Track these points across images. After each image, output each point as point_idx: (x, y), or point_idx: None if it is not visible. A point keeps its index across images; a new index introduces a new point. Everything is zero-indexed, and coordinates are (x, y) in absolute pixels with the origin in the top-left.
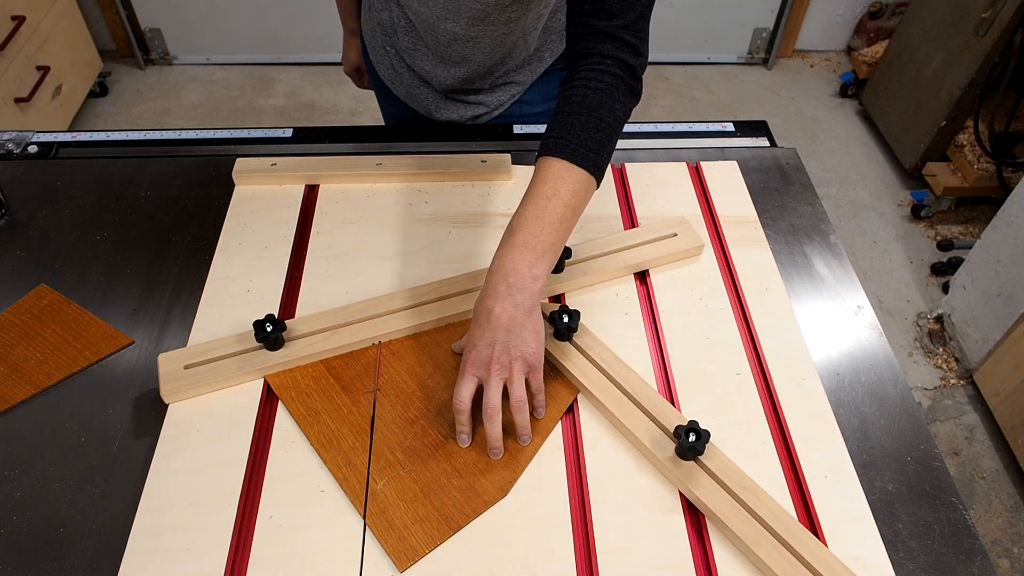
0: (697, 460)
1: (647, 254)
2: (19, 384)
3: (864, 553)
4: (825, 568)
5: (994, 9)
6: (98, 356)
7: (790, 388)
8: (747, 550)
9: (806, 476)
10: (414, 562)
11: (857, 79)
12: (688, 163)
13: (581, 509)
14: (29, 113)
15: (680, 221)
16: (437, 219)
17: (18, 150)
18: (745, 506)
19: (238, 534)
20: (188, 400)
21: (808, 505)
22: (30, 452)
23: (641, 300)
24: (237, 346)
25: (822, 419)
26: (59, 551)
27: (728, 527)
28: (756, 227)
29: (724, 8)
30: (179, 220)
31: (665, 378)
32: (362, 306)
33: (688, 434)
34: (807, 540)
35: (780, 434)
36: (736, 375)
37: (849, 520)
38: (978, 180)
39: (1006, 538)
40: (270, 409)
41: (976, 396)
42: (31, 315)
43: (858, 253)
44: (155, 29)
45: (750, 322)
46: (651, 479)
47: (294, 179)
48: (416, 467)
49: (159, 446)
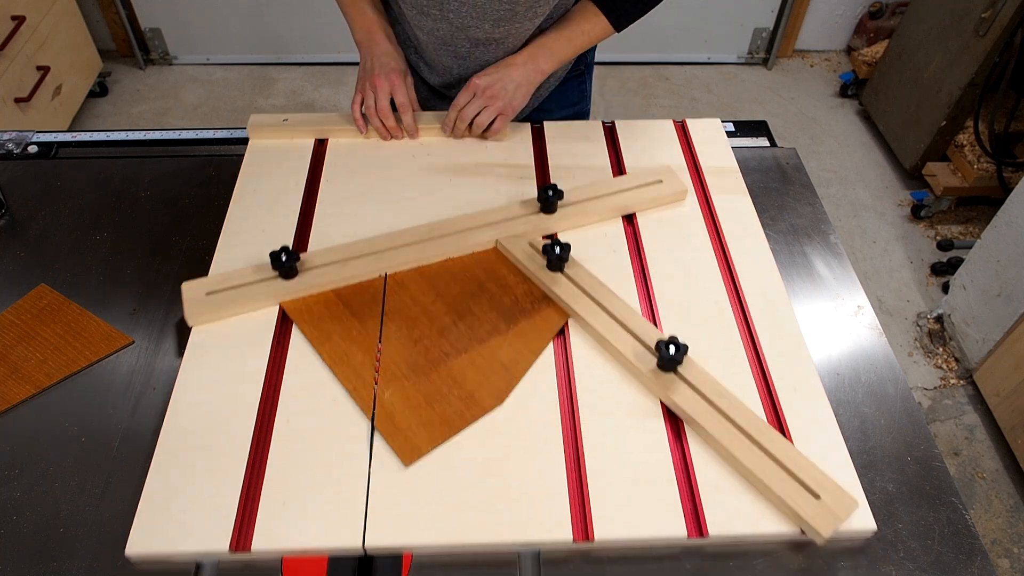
0: (676, 372)
1: (634, 198)
2: (19, 384)
3: (828, 453)
4: (793, 463)
5: (994, 9)
6: (98, 356)
7: (763, 314)
8: (721, 449)
9: (776, 388)
10: (418, 458)
11: (857, 79)
12: (674, 120)
13: (570, 415)
14: (29, 113)
15: (665, 169)
16: (439, 170)
17: (18, 150)
18: (720, 411)
19: (257, 437)
20: (209, 324)
21: (778, 413)
22: (30, 452)
23: (628, 239)
24: (255, 276)
25: (793, 341)
26: (59, 551)
27: (704, 429)
28: (736, 177)
29: (724, 8)
30: (179, 220)
31: (649, 306)
32: (370, 242)
33: (668, 347)
34: (776, 440)
35: (753, 352)
36: (715, 303)
37: (815, 425)
38: (978, 180)
39: (1006, 538)
40: (285, 332)
41: (976, 396)
42: (31, 315)
43: (858, 253)
44: (155, 29)
45: (728, 258)
46: (634, 390)
47: (305, 133)
48: (420, 380)
49: (184, 364)
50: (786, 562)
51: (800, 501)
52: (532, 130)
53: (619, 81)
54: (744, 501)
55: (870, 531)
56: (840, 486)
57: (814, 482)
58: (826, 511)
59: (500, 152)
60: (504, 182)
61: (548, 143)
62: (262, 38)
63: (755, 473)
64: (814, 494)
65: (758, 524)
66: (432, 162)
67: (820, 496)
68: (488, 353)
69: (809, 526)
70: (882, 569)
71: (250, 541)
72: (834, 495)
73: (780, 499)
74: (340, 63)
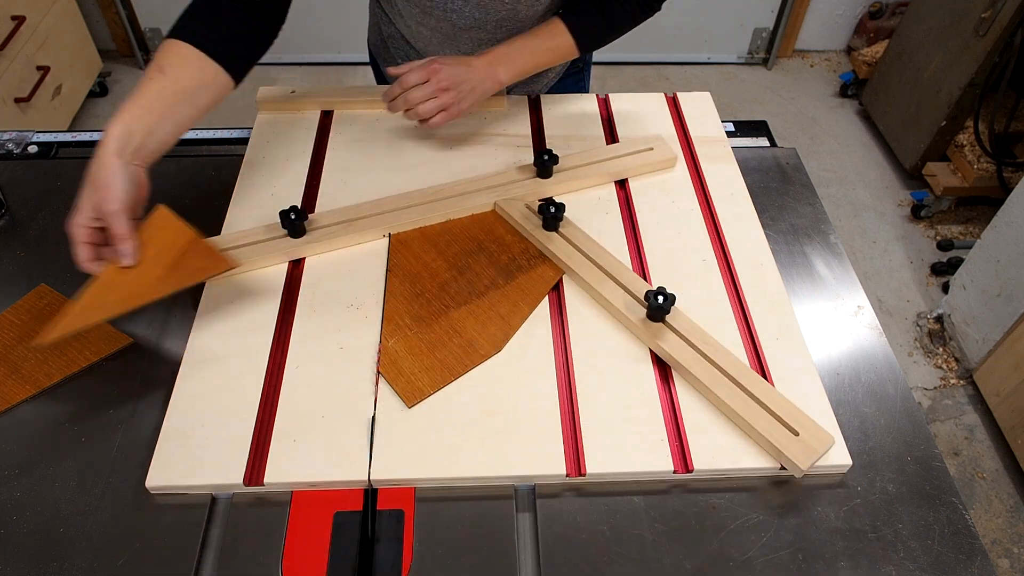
0: (665, 321)
1: (626, 164)
2: (19, 384)
3: (808, 396)
4: (773, 404)
5: (994, 9)
6: (98, 356)
7: (748, 270)
8: (706, 391)
9: (760, 338)
10: (420, 400)
11: (857, 79)
12: (665, 94)
13: (564, 362)
14: (29, 113)
15: (656, 138)
16: (441, 139)
17: (18, 150)
18: (706, 357)
19: (269, 380)
20: (221, 280)
21: (761, 360)
22: (30, 452)
23: (620, 203)
24: (265, 234)
25: (776, 296)
26: (59, 551)
27: (690, 373)
28: (725, 146)
29: (724, 8)
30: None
31: (640, 263)
32: (374, 204)
33: (657, 297)
34: (758, 382)
35: (738, 305)
36: (702, 260)
37: (796, 372)
38: (978, 180)
39: (1006, 538)
40: (294, 287)
41: (976, 396)
42: (31, 315)
43: (858, 253)
44: (155, 29)
45: (716, 220)
46: (625, 339)
47: (311, 105)
48: (421, 330)
49: (197, 316)
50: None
51: (780, 438)
52: (529, 102)
53: (619, 81)
54: (727, 439)
55: (846, 466)
56: (817, 424)
57: (793, 420)
58: (804, 446)
59: (498, 122)
60: (502, 150)
61: (544, 114)
62: None
63: (738, 412)
64: (793, 431)
65: (740, 459)
66: (433, 132)
67: (799, 433)
68: (487, 305)
69: (788, 460)
70: (882, 569)
71: (263, 475)
72: (812, 432)
73: (761, 436)
74: (340, 63)
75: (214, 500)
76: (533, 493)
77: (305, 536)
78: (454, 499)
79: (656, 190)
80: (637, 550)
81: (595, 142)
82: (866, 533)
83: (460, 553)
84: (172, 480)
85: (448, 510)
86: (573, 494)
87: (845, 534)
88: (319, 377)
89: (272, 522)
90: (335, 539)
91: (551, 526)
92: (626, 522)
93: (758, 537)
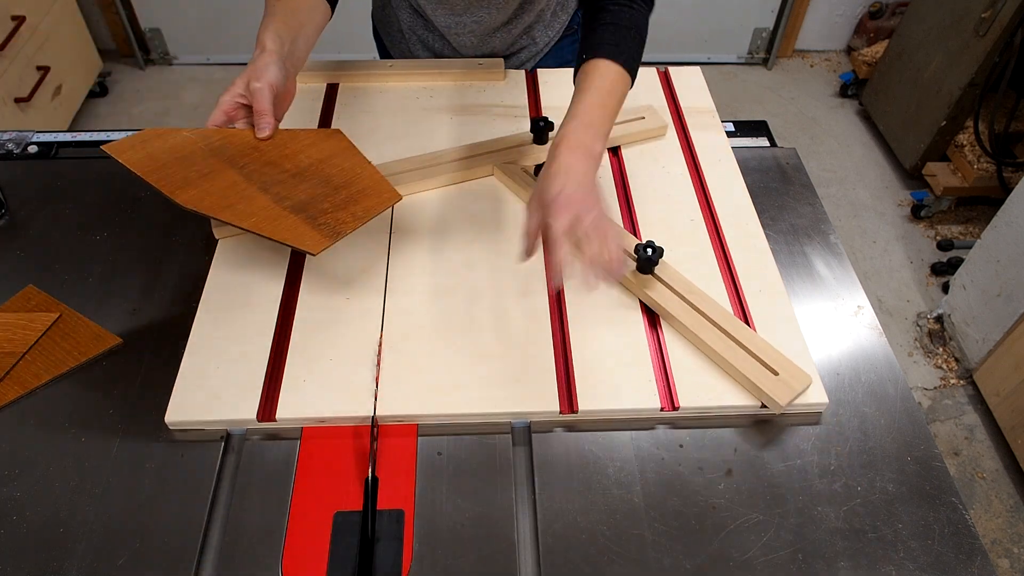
0: (654, 273)
1: (619, 132)
2: (7, 385)
3: (788, 342)
4: (754, 347)
5: (994, 9)
6: (87, 356)
7: (734, 230)
8: (692, 335)
9: (744, 290)
10: (201, 211)
11: (857, 79)
12: (657, 68)
13: (558, 309)
14: (29, 113)
15: (647, 108)
16: (441, 110)
17: (18, 150)
18: (692, 305)
19: (280, 325)
20: (234, 237)
21: (744, 310)
22: (30, 452)
23: (613, 168)
24: None
25: (760, 253)
26: (59, 551)
27: (677, 319)
28: (713, 116)
29: (724, 8)
30: (179, 220)
31: (631, 222)
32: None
33: (646, 249)
34: (740, 328)
35: (724, 262)
36: (690, 220)
37: (778, 321)
38: (978, 180)
39: (1006, 538)
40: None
41: (976, 396)
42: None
43: (858, 253)
44: (155, 29)
45: (704, 183)
46: (616, 290)
47: (316, 78)
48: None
49: (211, 270)
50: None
51: (760, 377)
52: (526, 76)
53: None
54: (711, 379)
55: (823, 404)
56: (796, 365)
57: (773, 362)
58: (783, 385)
59: (497, 95)
60: (500, 120)
61: (541, 87)
62: None
63: (721, 355)
64: (772, 371)
65: (723, 398)
66: (435, 103)
67: (778, 373)
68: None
69: (768, 397)
70: (882, 569)
71: (275, 412)
72: (791, 372)
73: (743, 375)
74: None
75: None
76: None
77: (305, 536)
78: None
79: (647, 156)
80: (637, 550)
81: None
82: (866, 533)
83: (460, 553)
84: (189, 415)
85: (448, 502)
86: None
87: (845, 534)
88: (327, 323)
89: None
90: (335, 539)
91: (551, 524)
92: (626, 522)
93: (758, 537)
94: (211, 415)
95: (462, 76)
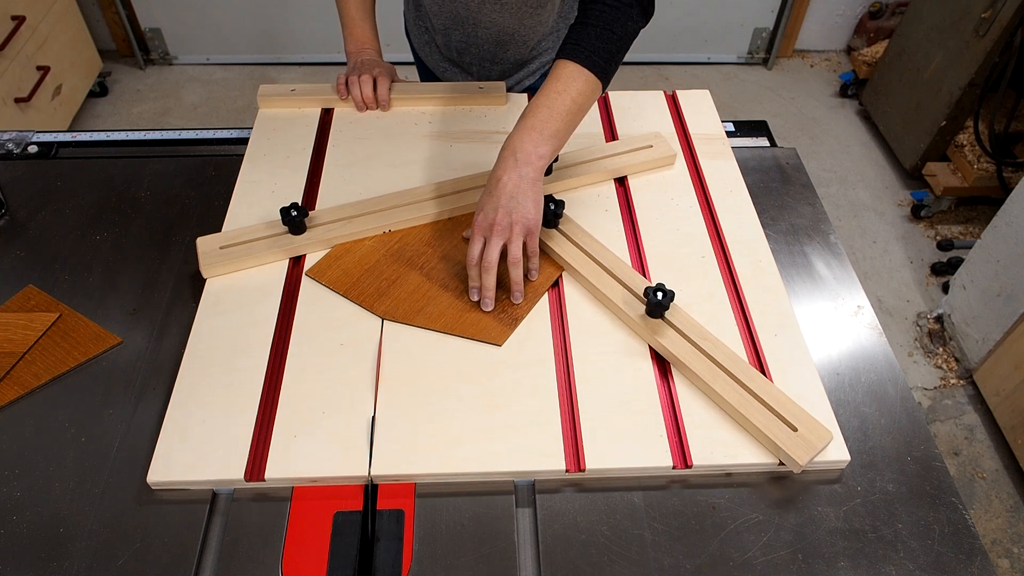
0: (663, 317)
1: (625, 161)
2: (7, 385)
3: (806, 392)
4: (771, 399)
5: (994, 9)
6: (87, 356)
7: (747, 267)
8: (705, 387)
9: (758, 334)
10: (396, 320)
11: (857, 79)
12: (665, 91)
13: (564, 358)
14: (29, 113)
15: (655, 135)
16: (439, 136)
17: (18, 150)
18: (704, 352)
19: (270, 376)
20: (223, 276)
21: (759, 355)
22: (30, 452)
23: (620, 200)
24: (266, 231)
25: (775, 293)
26: (59, 551)
27: (689, 369)
28: (724, 143)
29: (724, 8)
30: (179, 220)
31: (639, 259)
32: (374, 201)
33: (656, 293)
34: (756, 378)
35: (737, 302)
36: (701, 257)
37: (793, 367)
38: (978, 180)
39: (1006, 538)
40: (295, 283)
41: (976, 396)
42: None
43: (858, 253)
44: (155, 29)
45: (715, 217)
46: (624, 335)
47: (311, 103)
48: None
49: (199, 311)
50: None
51: (778, 433)
52: (528, 100)
53: (619, 81)
54: (726, 434)
55: (844, 461)
56: (816, 419)
57: (791, 416)
58: (802, 441)
59: (498, 120)
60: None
61: None
62: (262, 38)
63: (736, 408)
64: (791, 427)
65: (739, 455)
66: (433, 129)
67: (797, 428)
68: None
69: (787, 455)
70: (882, 569)
71: (263, 470)
72: (810, 427)
73: (760, 431)
74: (340, 63)
75: (215, 496)
76: (533, 489)
77: (305, 536)
78: (454, 494)
79: (655, 187)
80: (637, 550)
81: (595, 139)
82: (866, 533)
83: (460, 553)
84: (173, 475)
85: (448, 506)
86: (573, 490)
87: (845, 534)
88: (320, 374)
89: (273, 519)
90: (335, 539)
91: (551, 524)
92: (626, 522)
93: (758, 537)
94: (196, 474)
95: (462, 100)
